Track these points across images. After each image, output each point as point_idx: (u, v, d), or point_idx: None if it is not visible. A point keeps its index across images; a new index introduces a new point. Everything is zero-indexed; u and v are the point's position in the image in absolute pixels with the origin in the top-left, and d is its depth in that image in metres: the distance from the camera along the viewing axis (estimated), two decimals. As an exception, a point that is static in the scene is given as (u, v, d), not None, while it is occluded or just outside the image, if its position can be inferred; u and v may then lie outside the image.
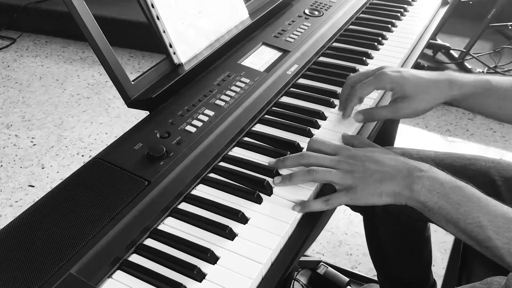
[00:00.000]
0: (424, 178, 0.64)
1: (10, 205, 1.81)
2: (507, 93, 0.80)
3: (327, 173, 0.67)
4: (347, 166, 0.67)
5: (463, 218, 0.61)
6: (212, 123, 0.78)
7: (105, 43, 0.76)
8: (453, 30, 2.56)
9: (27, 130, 2.22)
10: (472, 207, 0.61)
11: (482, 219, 0.60)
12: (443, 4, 1.28)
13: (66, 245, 0.57)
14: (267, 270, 0.61)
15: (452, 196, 0.62)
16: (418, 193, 0.63)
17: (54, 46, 2.92)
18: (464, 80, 0.79)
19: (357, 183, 0.65)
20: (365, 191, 0.65)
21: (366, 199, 0.65)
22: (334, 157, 0.69)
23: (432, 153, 0.98)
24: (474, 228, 0.60)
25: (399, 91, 0.79)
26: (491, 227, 0.60)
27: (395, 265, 1.17)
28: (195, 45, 0.90)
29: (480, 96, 0.79)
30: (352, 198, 0.66)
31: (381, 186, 0.65)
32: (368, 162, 0.67)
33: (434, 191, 0.63)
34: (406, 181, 0.64)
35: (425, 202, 0.63)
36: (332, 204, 0.67)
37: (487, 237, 0.60)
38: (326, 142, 0.72)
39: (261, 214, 0.66)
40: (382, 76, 0.79)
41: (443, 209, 0.62)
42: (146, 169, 0.68)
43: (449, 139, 2.15)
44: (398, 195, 0.65)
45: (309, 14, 1.12)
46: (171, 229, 0.64)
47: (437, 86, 0.78)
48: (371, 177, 0.65)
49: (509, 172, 0.90)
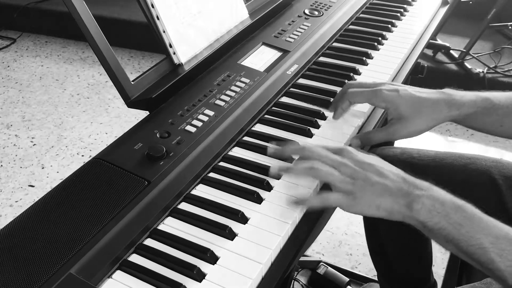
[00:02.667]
0: (424, 197, 0.61)
1: (10, 205, 1.81)
2: (508, 110, 0.77)
3: (329, 174, 0.64)
4: (349, 171, 0.65)
5: (464, 239, 0.59)
6: (212, 123, 0.78)
7: (105, 43, 0.76)
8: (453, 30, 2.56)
9: (27, 130, 2.22)
10: (473, 228, 0.59)
11: (484, 241, 0.58)
12: (443, 4, 1.28)
13: (66, 245, 0.57)
14: (267, 270, 0.61)
15: (453, 216, 0.60)
16: (417, 212, 0.61)
17: (54, 46, 2.92)
18: (464, 100, 0.76)
19: (357, 190, 0.63)
20: (362, 200, 0.63)
21: (362, 208, 0.63)
22: (337, 157, 0.67)
23: (432, 152, 0.98)
24: (476, 250, 0.58)
25: (394, 111, 0.77)
26: (494, 249, 0.58)
27: (395, 265, 1.17)
28: (195, 45, 0.90)
29: (480, 115, 0.77)
30: (348, 204, 0.64)
31: (380, 199, 0.63)
32: (371, 172, 0.65)
33: (435, 211, 0.60)
34: (406, 200, 0.62)
35: (425, 222, 0.61)
36: (329, 203, 0.65)
37: (490, 259, 0.58)
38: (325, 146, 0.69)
39: (261, 214, 0.66)
40: (378, 93, 0.77)
41: (443, 230, 0.60)
42: (146, 169, 0.68)
43: (449, 139, 2.15)
44: (396, 213, 0.63)
45: (309, 14, 1.12)
46: (171, 229, 0.64)
47: (435, 107, 0.76)
48: (372, 188, 0.63)
49: (509, 171, 0.90)
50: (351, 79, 0.95)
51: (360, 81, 0.85)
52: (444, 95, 0.77)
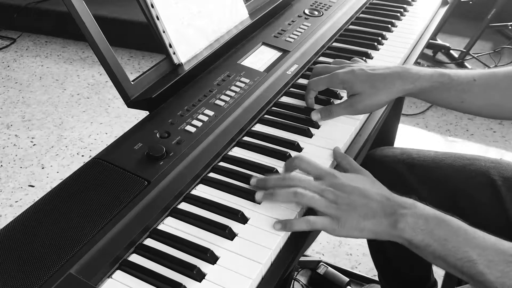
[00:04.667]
0: (408, 215, 0.62)
1: (10, 205, 1.81)
2: (468, 86, 0.79)
3: (313, 200, 0.65)
4: (332, 196, 0.65)
5: (451, 253, 0.59)
6: (212, 123, 0.78)
7: (105, 43, 0.76)
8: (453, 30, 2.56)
9: (27, 130, 2.22)
10: (459, 242, 0.59)
11: (472, 253, 0.58)
12: (443, 4, 1.28)
13: (66, 245, 0.57)
14: (266, 270, 0.61)
15: (437, 232, 0.60)
16: (402, 231, 0.61)
17: (54, 46, 2.92)
18: (420, 74, 0.79)
19: (341, 215, 0.64)
20: (347, 224, 0.63)
21: (347, 232, 0.64)
22: (319, 183, 0.67)
23: (432, 153, 0.98)
24: (464, 263, 0.58)
25: (350, 89, 0.82)
26: (482, 261, 0.57)
27: (396, 264, 1.17)
28: (195, 45, 0.90)
29: (438, 90, 0.79)
30: (334, 228, 0.64)
31: (364, 222, 0.63)
32: (354, 195, 0.65)
33: (418, 228, 0.61)
34: (390, 220, 0.62)
35: (411, 239, 0.61)
36: (314, 226, 0.64)
37: (479, 272, 0.57)
38: (312, 163, 0.69)
39: (261, 213, 0.66)
40: (334, 77, 0.82)
41: (429, 246, 0.60)
42: (146, 169, 0.68)
43: (449, 139, 2.15)
44: (381, 233, 0.63)
45: (309, 14, 1.12)
46: (171, 229, 0.64)
47: (387, 81, 0.79)
48: (355, 211, 0.64)
49: (509, 172, 0.90)
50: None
51: (324, 65, 0.88)
52: (399, 69, 0.80)
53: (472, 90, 0.79)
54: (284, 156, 0.75)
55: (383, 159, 1.00)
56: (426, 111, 2.29)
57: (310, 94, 0.86)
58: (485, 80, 0.80)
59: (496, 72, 0.80)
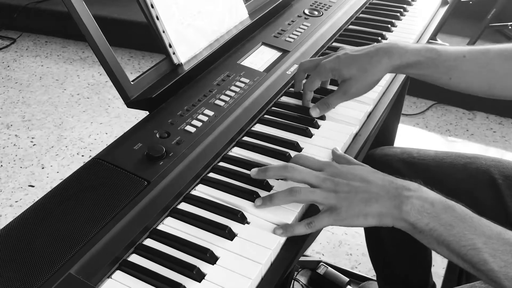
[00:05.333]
0: (413, 198, 0.60)
1: (10, 205, 1.81)
2: (457, 62, 0.77)
3: (310, 193, 0.64)
4: (332, 185, 0.64)
5: (456, 240, 0.58)
6: (211, 123, 0.78)
7: (105, 43, 0.76)
8: (453, 30, 2.56)
9: (27, 130, 2.22)
10: (465, 228, 0.58)
11: (477, 241, 0.57)
12: (443, 4, 1.28)
13: (66, 245, 0.57)
14: (266, 270, 0.61)
15: (444, 216, 0.59)
16: (407, 213, 0.60)
17: (54, 46, 2.92)
18: (407, 48, 0.78)
19: (342, 203, 0.62)
20: (349, 212, 0.62)
21: (350, 220, 0.62)
22: (319, 173, 0.65)
23: (432, 152, 0.99)
24: (468, 250, 0.57)
25: (339, 76, 0.81)
26: (487, 249, 0.56)
27: (394, 266, 1.17)
28: (195, 45, 0.90)
29: (425, 65, 0.77)
30: (336, 219, 0.62)
31: (367, 207, 0.61)
32: (354, 181, 0.63)
33: (425, 211, 0.59)
34: (394, 202, 0.61)
35: (415, 223, 0.59)
36: (315, 227, 0.63)
37: (483, 260, 0.56)
38: (311, 158, 0.69)
39: (261, 214, 0.66)
40: (321, 68, 0.81)
41: (434, 231, 0.59)
42: (145, 169, 0.68)
43: (449, 139, 2.15)
44: (385, 217, 0.61)
45: (308, 14, 1.12)
46: (170, 229, 0.64)
47: (373, 59, 0.78)
48: (356, 197, 0.62)
49: (509, 170, 0.90)
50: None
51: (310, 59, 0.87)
52: (384, 45, 0.79)
53: (461, 67, 0.77)
54: (284, 156, 0.75)
55: (383, 158, 1.00)
56: (426, 111, 2.29)
57: (307, 96, 0.85)
58: (476, 57, 0.77)
59: (489, 49, 0.78)
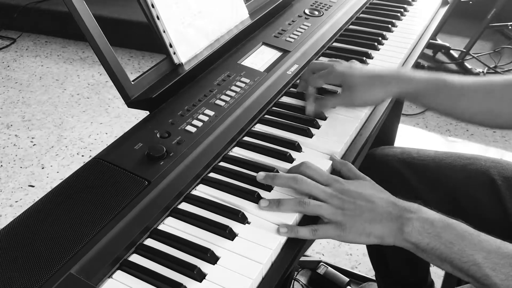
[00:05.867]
0: (414, 219, 0.63)
1: (10, 205, 1.81)
2: (463, 91, 0.79)
3: (318, 207, 0.66)
4: (339, 202, 0.66)
5: (457, 257, 0.60)
6: (212, 123, 0.78)
7: (105, 43, 0.76)
8: (453, 30, 2.56)
9: (27, 130, 2.22)
10: (465, 245, 0.60)
11: (477, 257, 0.59)
12: (443, 4, 1.28)
13: (66, 245, 0.57)
14: (267, 270, 0.61)
15: (444, 235, 0.61)
16: (409, 235, 0.62)
17: (54, 46, 2.92)
18: (414, 76, 0.81)
19: (347, 220, 0.64)
20: (353, 229, 0.64)
21: (353, 237, 0.64)
22: (327, 188, 0.68)
23: (432, 152, 0.99)
24: (470, 266, 0.59)
25: (346, 83, 0.83)
26: (487, 264, 0.58)
27: (393, 265, 1.17)
28: (195, 45, 0.90)
29: (432, 92, 0.80)
30: (339, 234, 0.64)
31: (370, 227, 0.64)
32: (360, 200, 0.66)
33: (425, 232, 0.62)
34: (396, 224, 0.63)
35: (417, 243, 0.62)
36: (319, 235, 0.65)
37: (485, 275, 0.58)
38: (319, 170, 0.70)
39: (262, 214, 0.66)
40: (332, 72, 0.84)
41: (436, 250, 0.61)
42: (146, 169, 0.68)
43: (449, 139, 2.15)
44: (387, 237, 0.64)
45: (309, 14, 1.12)
46: (171, 229, 0.64)
47: (382, 81, 0.81)
48: (361, 216, 0.64)
49: (509, 171, 0.90)
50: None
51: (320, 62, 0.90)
52: (394, 72, 0.83)
53: (467, 96, 0.79)
54: (284, 156, 0.75)
55: (383, 158, 1.00)
56: (426, 111, 2.29)
57: (311, 91, 0.86)
58: (481, 87, 0.80)
59: (493, 80, 0.80)
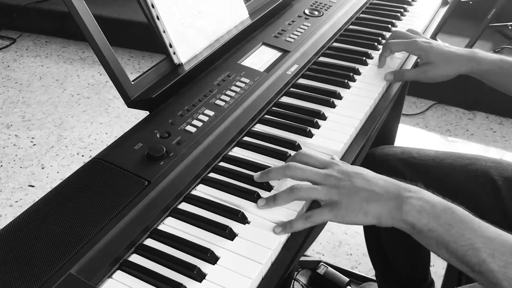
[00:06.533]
0: (413, 198, 0.61)
1: (10, 205, 1.81)
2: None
3: (311, 190, 0.64)
4: (334, 181, 0.64)
5: (454, 239, 0.58)
6: (212, 123, 0.78)
7: (105, 43, 0.76)
8: (453, 30, 2.55)
9: (27, 130, 2.22)
10: (464, 229, 0.58)
11: (476, 241, 0.57)
12: (443, 4, 1.28)
13: (66, 245, 0.57)
14: (267, 270, 0.61)
15: (443, 217, 0.59)
16: (406, 213, 0.61)
17: (54, 46, 2.92)
18: (484, 57, 0.89)
19: (343, 199, 0.63)
20: (349, 209, 0.62)
21: (349, 217, 0.63)
22: (322, 170, 0.66)
23: (432, 152, 0.99)
24: (467, 251, 0.57)
25: (425, 57, 0.91)
26: (486, 250, 0.56)
27: (393, 264, 1.17)
28: (195, 45, 0.90)
29: (499, 74, 0.88)
30: (336, 214, 0.63)
31: (367, 205, 0.62)
32: (356, 179, 0.64)
33: (424, 212, 0.60)
34: (395, 203, 0.62)
35: (414, 223, 0.60)
36: (313, 221, 0.64)
37: (482, 260, 0.56)
38: (314, 155, 0.69)
39: (261, 213, 0.66)
40: (414, 43, 0.92)
41: (433, 231, 0.59)
42: (146, 169, 0.68)
43: (449, 139, 2.15)
44: (385, 217, 0.62)
45: (309, 14, 1.12)
46: (171, 229, 0.64)
47: (458, 58, 0.89)
48: (358, 194, 0.63)
49: (509, 171, 0.90)
50: (351, 79, 0.95)
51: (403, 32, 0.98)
52: (468, 52, 0.91)
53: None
54: (284, 156, 0.75)
55: (383, 158, 1.00)
56: (426, 111, 2.29)
57: (386, 53, 0.96)
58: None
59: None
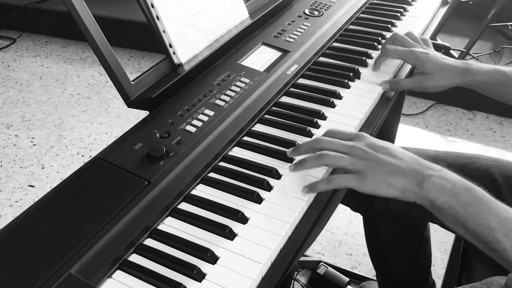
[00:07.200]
0: (435, 176, 0.64)
1: (10, 205, 1.81)
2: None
3: (339, 158, 0.67)
4: (361, 153, 0.67)
5: (472, 218, 0.61)
6: (212, 123, 0.78)
7: (105, 43, 0.76)
8: (453, 30, 2.56)
9: (27, 130, 2.22)
10: (482, 208, 0.61)
11: (492, 221, 0.60)
12: (443, 4, 1.28)
13: (66, 245, 0.57)
14: (267, 270, 0.61)
15: (463, 196, 0.62)
16: (428, 191, 0.63)
17: (54, 46, 2.92)
18: (479, 69, 0.88)
19: (368, 170, 0.66)
20: (374, 179, 0.65)
21: (373, 187, 0.66)
22: (349, 142, 0.69)
23: (432, 152, 0.99)
24: (483, 229, 0.60)
25: (421, 68, 0.90)
26: (500, 229, 0.59)
27: (394, 265, 1.17)
28: (195, 45, 0.90)
29: (494, 84, 0.88)
30: (360, 183, 0.66)
31: (392, 178, 0.65)
32: (382, 153, 0.67)
33: (445, 190, 0.63)
34: (417, 178, 0.64)
35: (435, 200, 0.63)
36: (337, 183, 0.67)
37: (496, 239, 0.59)
38: (342, 130, 0.73)
39: (261, 214, 0.66)
40: (411, 53, 0.91)
41: (452, 209, 0.62)
42: (146, 169, 0.68)
43: (449, 139, 2.15)
44: (407, 192, 0.65)
45: (309, 14, 1.12)
46: (171, 229, 0.64)
47: (452, 70, 0.89)
48: (383, 167, 0.66)
49: (509, 170, 0.91)
50: (351, 79, 0.95)
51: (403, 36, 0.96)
52: (462, 64, 0.91)
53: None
54: (284, 156, 0.75)
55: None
56: (426, 111, 2.29)
57: (382, 59, 0.95)
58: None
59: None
